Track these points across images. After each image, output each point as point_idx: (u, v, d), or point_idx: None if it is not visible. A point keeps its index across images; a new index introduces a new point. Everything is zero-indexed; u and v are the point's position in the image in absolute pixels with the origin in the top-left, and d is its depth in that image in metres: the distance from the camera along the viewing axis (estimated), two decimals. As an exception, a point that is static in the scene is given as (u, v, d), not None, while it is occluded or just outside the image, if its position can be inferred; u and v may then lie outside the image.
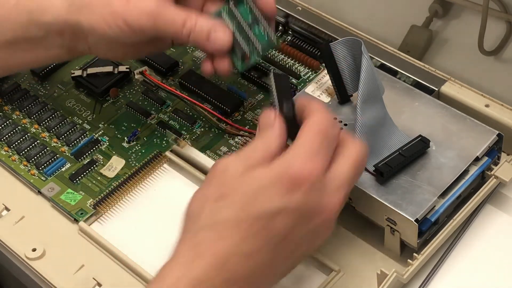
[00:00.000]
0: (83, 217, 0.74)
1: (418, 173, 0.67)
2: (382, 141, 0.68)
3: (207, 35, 0.69)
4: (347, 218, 0.72)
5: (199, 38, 0.69)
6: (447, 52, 0.88)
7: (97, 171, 0.77)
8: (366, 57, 0.67)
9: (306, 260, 0.70)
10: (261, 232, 0.58)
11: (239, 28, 0.70)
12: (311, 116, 0.61)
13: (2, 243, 0.73)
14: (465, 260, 0.68)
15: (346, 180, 0.61)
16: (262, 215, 0.58)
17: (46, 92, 0.85)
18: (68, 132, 0.80)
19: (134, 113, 0.82)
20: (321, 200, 0.60)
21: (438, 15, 0.89)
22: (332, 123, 0.61)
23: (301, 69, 0.82)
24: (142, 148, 0.78)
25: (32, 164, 0.78)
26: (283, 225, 0.58)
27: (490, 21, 0.82)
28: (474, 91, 0.75)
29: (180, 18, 0.69)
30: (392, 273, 0.65)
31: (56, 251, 0.72)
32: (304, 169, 0.58)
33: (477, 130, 0.70)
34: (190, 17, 0.69)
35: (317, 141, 0.60)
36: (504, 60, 0.85)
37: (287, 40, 0.84)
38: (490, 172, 0.69)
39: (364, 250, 0.70)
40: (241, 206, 0.58)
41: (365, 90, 0.67)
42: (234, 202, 0.59)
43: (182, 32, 0.69)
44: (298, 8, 0.84)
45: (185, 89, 0.83)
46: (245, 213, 0.58)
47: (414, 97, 0.73)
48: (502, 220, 0.71)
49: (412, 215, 0.65)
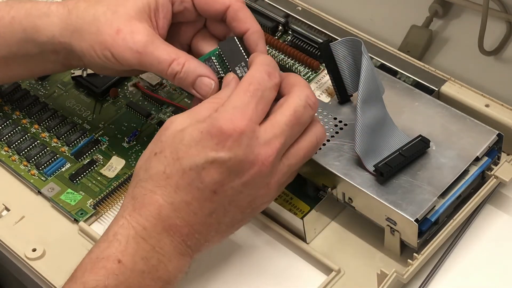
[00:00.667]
0: (83, 217, 0.74)
1: (418, 173, 0.67)
2: (382, 141, 0.68)
3: (193, 81, 0.68)
4: (347, 218, 0.72)
5: (185, 82, 0.68)
6: (447, 52, 0.88)
7: (97, 171, 0.77)
8: (366, 57, 0.67)
9: (306, 260, 0.70)
10: (191, 185, 0.61)
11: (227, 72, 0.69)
12: (248, 70, 0.64)
13: (2, 243, 0.73)
14: (465, 260, 0.68)
15: (282, 130, 0.62)
16: (191, 168, 0.61)
17: (46, 92, 0.85)
18: (68, 132, 0.80)
19: (134, 113, 0.82)
20: (250, 153, 0.61)
21: (438, 15, 0.89)
22: (267, 75, 0.63)
23: (301, 69, 0.82)
24: (142, 148, 0.78)
25: (32, 164, 0.78)
26: (212, 178, 0.61)
27: (490, 21, 0.82)
28: (474, 91, 0.75)
29: (167, 59, 0.67)
30: (392, 273, 0.65)
31: (56, 251, 0.72)
32: (231, 123, 0.60)
33: (477, 130, 0.69)
34: (177, 60, 0.67)
35: (247, 94, 0.62)
36: (504, 60, 0.85)
37: (287, 40, 0.84)
38: (490, 172, 0.69)
39: (364, 250, 0.70)
40: (172, 160, 0.61)
41: (365, 90, 0.67)
42: (166, 156, 0.62)
43: (167, 73, 0.68)
44: (298, 8, 0.84)
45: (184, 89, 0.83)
46: (175, 166, 0.61)
47: (414, 97, 0.72)
48: (502, 220, 0.71)
49: (412, 215, 0.65)
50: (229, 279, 0.70)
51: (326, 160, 0.69)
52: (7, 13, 0.73)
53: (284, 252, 0.71)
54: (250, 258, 0.71)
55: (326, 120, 0.71)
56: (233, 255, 0.71)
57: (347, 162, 0.68)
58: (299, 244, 0.70)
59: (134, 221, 0.61)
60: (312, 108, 0.64)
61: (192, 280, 0.69)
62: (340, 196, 0.69)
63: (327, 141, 0.70)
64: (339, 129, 0.71)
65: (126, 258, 0.61)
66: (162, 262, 0.61)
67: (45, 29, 0.71)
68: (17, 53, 0.74)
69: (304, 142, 0.65)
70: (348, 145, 0.69)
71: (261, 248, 0.71)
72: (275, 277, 0.69)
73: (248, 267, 0.70)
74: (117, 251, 0.61)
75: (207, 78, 0.68)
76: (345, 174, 0.68)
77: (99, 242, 0.62)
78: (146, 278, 0.61)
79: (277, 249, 0.71)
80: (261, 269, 0.70)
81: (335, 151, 0.69)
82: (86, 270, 0.61)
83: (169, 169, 0.61)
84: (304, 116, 0.63)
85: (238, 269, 0.70)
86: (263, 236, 0.72)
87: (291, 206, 0.71)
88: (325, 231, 0.72)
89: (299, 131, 0.64)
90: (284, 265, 0.70)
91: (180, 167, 0.61)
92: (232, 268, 0.70)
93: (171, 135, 0.62)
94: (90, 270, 0.61)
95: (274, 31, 0.85)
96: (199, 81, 0.68)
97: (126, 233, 0.61)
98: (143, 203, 0.62)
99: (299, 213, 0.70)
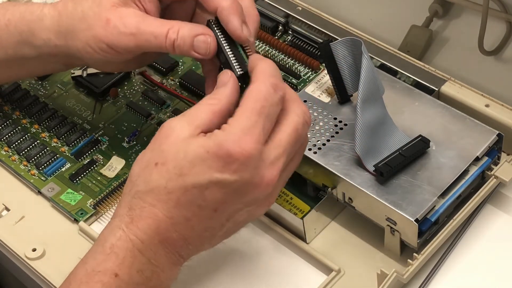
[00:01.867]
0: (83, 217, 0.74)
1: (418, 173, 0.67)
2: (382, 141, 0.68)
3: (191, 44, 0.66)
4: (347, 218, 0.72)
5: (185, 47, 0.66)
6: (447, 52, 0.88)
7: (97, 171, 0.77)
8: (366, 57, 0.67)
9: (306, 260, 0.70)
10: (193, 202, 0.60)
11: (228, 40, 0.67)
12: (253, 82, 0.62)
13: (2, 243, 0.73)
14: (465, 260, 0.68)
15: (284, 150, 0.62)
16: (194, 186, 0.60)
17: (46, 92, 0.85)
18: (68, 132, 0.80)
19: (134, 113, 0.82)
20: (256, 175, 0.60)
21: (438, 15, 0.89)
22: (274, 89, 0.61)
23: (301, 69, 0.82)
24: (142, 148, 0.78)
25: (32, 164, 0.78)
26: (215, 197, 0.60)
27: (490, 21, 0.82)
28: (474, 91, 0.75)
29: (162, 31, 0.66)
30: (392, 273, 0.65)
31: (56, 251, 0.72)
32: (238, 146, 0.59)
33: (477, 130, 0.70)
34: (172, 28, 0.66)
35: (254, 113, 0.60)
36: (504, 60, 0.85)
37: (287, 40, 0.84)
38: (490, 172, 0.69)
39: (364, 250, 0.70)
40: (175, 175, 0.60)
41: (365, 90, 0.67)
42: (168, 171, 0.60)
43: (166, 45, 0.66)
44: (298, 8, 0.84)
45: (185, 89, 0.83)
46: (178, 183, 0.60)
47: (414, 97, 0.72)
48: (502, 220, 0.71)
49: (412, 215, 0.65)
50: (229, 279, 0.70)
51: (326, 160, 0.69)
52: (3, 16, 0.73)
53: (284, 252, 0.71)
54: (250, 258, 0.71)
55: (326, 120, 0.71)
56: (233, 255, 0.71)
57: (347, 162, 0.68)
58: (299, 244, 0.70)
59: (131, 233, 0.61)
60: (309, 124, 0.64)
61: (192, 280, 0.69)
62: (340, 196, 0.69)
63: (327, 141, 0.70)
64: (339, 129, 0.71)
65: (123, 271, 0.60)
66: (155, 273, 0.61)
67: (41, 33, 0.71)
68: (14, 55, 0.73)
69: (299, 156, 0.65)
70: (348, 145, 0.69)
71: (261, 248, 0.71)
72: (275, 277, 0.69)
73: (248, 267, 0.70)
74: (115, 265, 0.60)
75: (202, 35, 0.66)
76: (345, 174, 0.68)
77: (95, 253, 0.61)
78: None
79: (277, 249, 0.71)
80: (261, 269, 0.70)
81: (335, 151, 0.69)
82: (82, 282, 0.60)
83: (171, 184, 0.60)
84: (303, 134, 0.63)
85: (238, 269, 0.70)
86: (263, 236, 0.72)
87: (291, 206, 0.71)
88: (325, 231, 0.72)
89: (297, 148, 0.63)
90: (284, 265, 0.70)
91: (183, 184, 0.60)
92: (232, 268, 0.70)
93: (173, 147, 0.60)
94: (86, 283, 0.60)
95: (274, 31, 0.85)
96: (196, 41, 0.66)
97: (124, 246, 0.60)
98: (141, 216, 0.61)
99: (299, 213, 0.70)
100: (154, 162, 0.61)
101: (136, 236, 0.60)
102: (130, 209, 0.61)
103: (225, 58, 0.66)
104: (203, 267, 0.70)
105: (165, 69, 0.84)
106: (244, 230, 0.71)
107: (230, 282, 0.69)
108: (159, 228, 0.60)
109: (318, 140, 0.70)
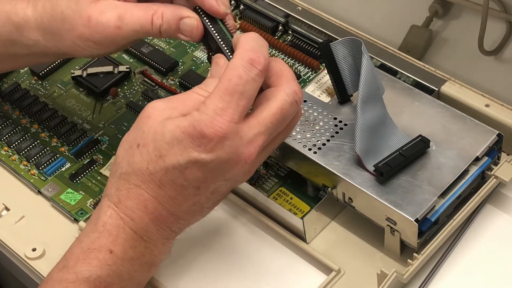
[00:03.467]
0: (83, 217, 0.74)
1: (418, 173, 0.67)
2: (382, 141, 0.68)
3: (177, 27, 0.66)
4: (347, 218, 0.72)
5: (171, 31, 0.66)
6: (447, 52, 0.88)
7: (97, 171, 0.77)
8: (366, 57, 0.67)
9: (306, 260, 0.70)
10: (175, 182, 0.61)
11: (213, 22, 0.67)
12: (230, 62, 0.61)
13: (2, 243, 0.73)
14: (465, 260, 0.68)
15: (266, 128, 0.61)
16: (174, 166, 0.60)
17: (46, 92, 0.85)
18: (68, 132, 0.80)
19: (134, 113, 0.82)
20: (233, 153, 0.61)
21: (438, 15, 0.89)
22: (251, 63, 0.60)
23: (301, 69, 0.82)
24: (142, 148, 0.78)
25: (32, 164, 0.78)
26: (195, 177, 0.61)
27: (490, 21, 0.82)
28: (474, 91, 0.75)
29: (146, 18, 0.66)
30: (392, 273, 0.65)
31: (56, 251, 0.72)
32: (211, 127, 0.59)
33: (477, 130, 0.70)
34: (155, 14, 0.66)
35: (227, 93, 0.60)
36: (504, 60, 0.85)
37: (287, 40, 0.84)
38: (490, 172, 0.69)
39: (364, 250, 0.70)
40: (155, 157, 0.61)
41: (365, 90, 0.67)
42: (149, 152, 0.61)
43: (153, 31, 0.67)
44: (298, 8, 0.84)
45: (185, 89, 0.83)
46: (158, 164, 0.61)
47: (414, 97, 0.72)
48: (502, 220, 0.71)
49: (412, 215, 0.65)
50: (229, 279, 0.70)
51: (326, 160, 0.69)
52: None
53: (284, 252, 0.71)
54: (250, 258, 0.71)
55: (326, 120, 0.71)
56: (233, 255, 0.71)
57: (347, 162, 0.68)
58: (299, 244, 0.70)
59: (121, 212, 0.62)
60: (298, 104, 0.63)
61: (193, 280, 0.69)
62: (340, 196, 0.69)
63: (327, 141, 0.70)
64: (339, 129, 0.71)
65: (117, 248, 0.61)
66: (149, 248, 0.63)
67: (29, 34, 0.71)
68: (6, 52, 0.73)
69: (285, 134, 0.65)
70: (348, 145, 0.69)
71: (261, 248, 0.71)
72: (275, 277, 0.69)
73: (248, 267, 0.70)
74: (108, 242, 0.62)
75: (187, 18, 0.66)
76: (345, 174, 0.68)
77: (89, 232, 0.63)
78: (135, 264, 0.62)
79: (277, 249, 0.71)
80: (261, 269, 0.70)
81: (335, 151, 0.69)
82: (78, 260, 0.62)
83: (152, 166, 0.61)
84: (289, 113, 0.63)
85: (238, 269, 0.70)
86: (263, 236, 0.72)
87: (291, 206, 0.71)
88: (325, 231, 0.72)
89: (282, 127, 0.63)
90: (284, 265, 0.70)
91: (163, 165, 0.61)
92: (232, 268, 0.70)
93: (152, 128, 0.61)
94: (82, 260, 0.62)
95: (274, 31, 0.85)
96: (182, 24, 0.66)
97: (116, 224, 0.62)
98: (129, 196, 0.62)
99: (299, 213, 0.70)
100: (136, 143, 0.62)
101: (126, 215, 0.62)
102: (117, 190, 0.62)
103: (216, 45, 0.66)
104: (203, 267, 0.70)
105: (165, 69, 0.84)
106: (245, 230, 0.71)
107: (231, 282, 0.69)
108: (147, 207, 0.61)
109: (318, 140, 0.70)
